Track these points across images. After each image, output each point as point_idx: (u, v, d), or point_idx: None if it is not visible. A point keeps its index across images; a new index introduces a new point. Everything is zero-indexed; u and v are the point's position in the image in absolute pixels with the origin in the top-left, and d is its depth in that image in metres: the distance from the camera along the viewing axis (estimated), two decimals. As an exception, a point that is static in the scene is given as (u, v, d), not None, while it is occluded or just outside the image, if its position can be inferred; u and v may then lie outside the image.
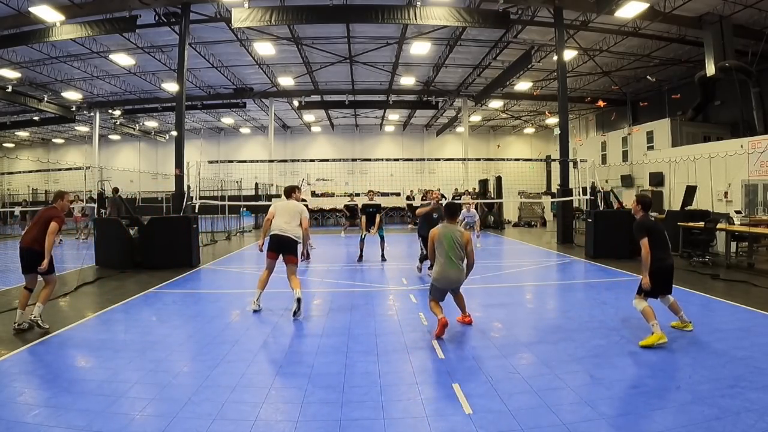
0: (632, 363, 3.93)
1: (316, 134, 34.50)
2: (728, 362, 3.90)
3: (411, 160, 23.48)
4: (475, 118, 29.90)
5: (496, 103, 25.41)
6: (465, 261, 4.77)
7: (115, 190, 14.23)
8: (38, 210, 6.01)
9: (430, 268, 6.01)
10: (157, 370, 3.91)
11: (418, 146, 34.87)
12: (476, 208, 17.74)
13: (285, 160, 29.13)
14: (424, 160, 28.60)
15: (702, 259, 9.00)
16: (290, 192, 6.24)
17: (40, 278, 5.35)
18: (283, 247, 5.73)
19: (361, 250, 10.07)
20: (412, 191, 22.00)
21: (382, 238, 10.12)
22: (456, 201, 5.34)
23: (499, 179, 20.13)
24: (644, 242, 4.44)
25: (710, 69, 14.45)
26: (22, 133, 31.63)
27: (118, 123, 26.50)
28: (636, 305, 4.53)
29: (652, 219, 4.71)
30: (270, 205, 6.35)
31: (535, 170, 26.54)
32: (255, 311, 5.84)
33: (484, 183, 22.03)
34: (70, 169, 15.62)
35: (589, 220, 10.45)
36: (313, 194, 21.18)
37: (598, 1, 12.88)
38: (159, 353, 4.35)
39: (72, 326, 5.20)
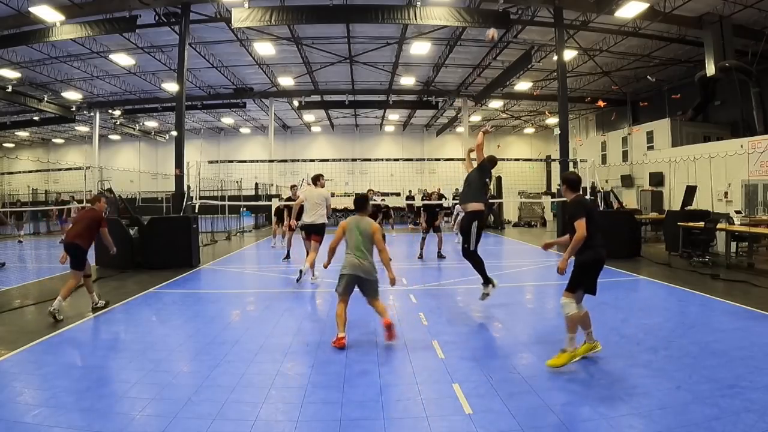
0: (632, 363, 3.93)
1: (316, 134, 34.51)
2: (728, 362, 3.89)
3: (411, 160, 23.51)
4: (475, 118, 29.90)
5: (496, 103, 25.43)
6: (371, 253, 4.57)
7: (109, 191, 14.17)
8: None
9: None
10: (157, 370, 3.91)
11: (418, 146, 34.87)
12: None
13: (285, 160, 29.15)
14: (424, 160, 28.61)
15: (702, 259, 8.99)
16: (315, 180, 7.78)
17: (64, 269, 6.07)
18: (311, 230, 7.57)
19: None
20: (411, 191, 22.02)
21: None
22: (362, 194, 5.34)
23: (499, 179, 20.13)
24: (581, 222, 3.77)
25: (710, 69, 14.45)
26: (22, 133, 31.63)
27: (118, 123, 26.52)
28: (564, 307, 3.81)
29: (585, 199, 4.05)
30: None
31: (535, 170, 26.56)
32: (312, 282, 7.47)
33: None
34: (70, 169, 15.66)
35: (589, 220, 10.43)
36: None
37: (598, 1, 12.89)
38: (159, 353, 4.34)
39: (72, 326, 5.20)
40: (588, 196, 11.46)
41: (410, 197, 21.85)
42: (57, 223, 15.58)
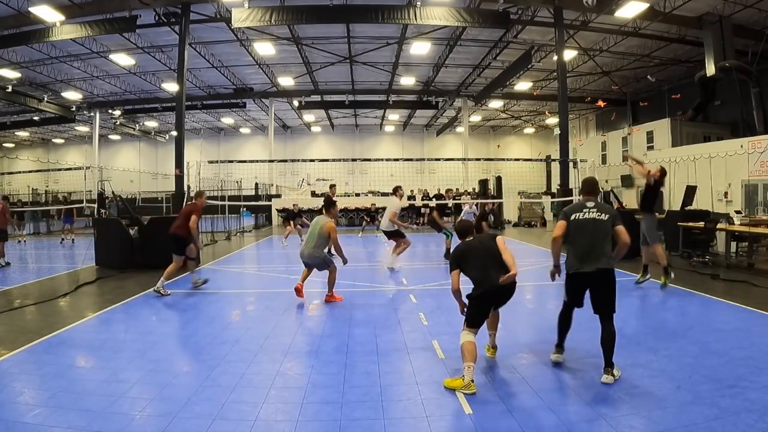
0: (632, 363, 3.93)
1: (316, 134, 34.51)
2: (728, 362, 3.89)
3: (411, 160, 23.50)
4: (475, 118, 29.91)
5: (496, 103, 25.43)
6: (318, 245, 6.05)
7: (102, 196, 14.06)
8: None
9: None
10: (157, 370, 3.91)
11: (418, 146, 34.88)
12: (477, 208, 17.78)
13: (285, 160, 29.15)
14: (424, 160, 28.62)
15: (702, 259, 8.98)
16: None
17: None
18: (388, 236, 7.37)
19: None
20: (412, 191, 21.99)
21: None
22: (328, 198, 6.65)
23: (499, 179, 20.13)
24: (452, 274, 3.91)
25: (710, 69, 14.45)
26: (22, 133, 31.64)
27: (118, 123, 26.53)
28: (461, 337, 3.77)
29: (471, 239, 4.05)
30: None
31: (535, 170, 26.56)
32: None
33: (484, 183, 22.02)
34: (70, 169, 15.65)
35: (589, 220, 10.43)
36: (313, 194, 21.20)
37: (598, 1, 12.89)
38: (159, 353, 4.34)
39: (72, 326, 5.20)
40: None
41: (411, 197, 21.83)
42: (62, 223, 15.61)
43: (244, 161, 18.03)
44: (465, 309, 3.93)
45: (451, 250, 8.44)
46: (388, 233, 8.87)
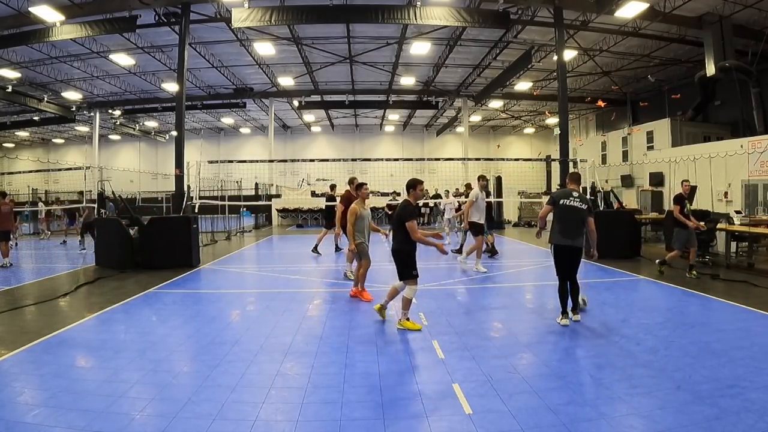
0: (632, 363, 3.93)
1: (316, 134, 34.51)
2: (728, 362, 3.89)
3: (411, 159, 23.48)
4: (475, 118, 29.91)
5: (496, 103, 25.44)
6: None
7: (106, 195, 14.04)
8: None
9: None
10: (157, 370, 3.91)
11: (418, 146, 34.88)
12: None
13: (285, 160, 29.15)
14: (424, 159, 28.61)
15: (702, 259, 8.99)
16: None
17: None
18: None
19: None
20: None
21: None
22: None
23: (499, 179, 20.13)
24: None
25: (710, 69, 14.45)
26: (22, 133, 31.64)
27: (118, 123, 26.53)
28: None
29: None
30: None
31: (535, 170, 26.57)
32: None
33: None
34: (70, 169, 15.64)
35: (589, 220, 10.44)
36: (313, 194, 21.22)
37: (598, 1, 12.89)
38: (159, 353, 4.34)
39: (72, 326, 5.20)
40: (588, 196, 11.46)
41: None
42: (66, 224, 15.65)
43: (244, 161, 18.01)
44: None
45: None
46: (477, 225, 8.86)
